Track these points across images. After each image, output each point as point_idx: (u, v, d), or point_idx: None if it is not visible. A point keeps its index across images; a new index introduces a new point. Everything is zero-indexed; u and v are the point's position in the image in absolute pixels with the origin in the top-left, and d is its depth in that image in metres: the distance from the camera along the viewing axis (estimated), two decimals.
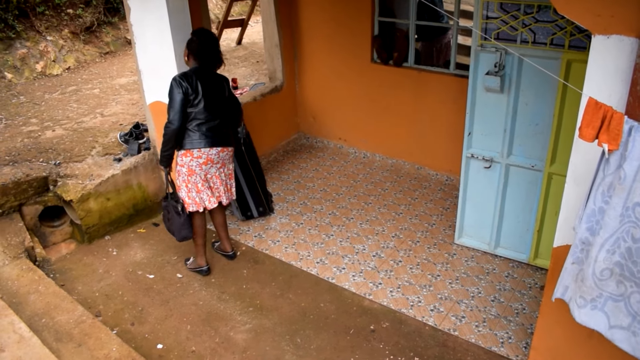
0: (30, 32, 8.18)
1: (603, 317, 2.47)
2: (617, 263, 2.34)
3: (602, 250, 2.35)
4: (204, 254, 4.46)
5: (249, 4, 9.30)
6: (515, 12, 3.72)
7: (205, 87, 4.02)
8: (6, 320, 3.48)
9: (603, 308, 2.47)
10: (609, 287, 2.40)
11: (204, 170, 4.13)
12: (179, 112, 3.92)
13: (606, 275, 2.39)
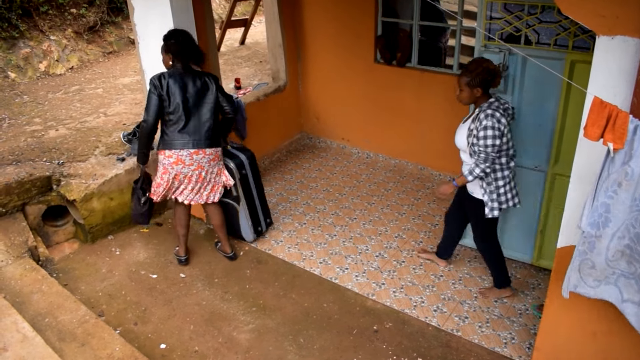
0: (33, 32, 8.20)
1: (616, 290, 2.59)
2: (627, 245, 2.43)
3: (613, 239, 2.44)
4: (184, 244, 4.58)
5: (252, 3, 9.30)
6: (519, 13, 3.71)
7: (183, 88, 3.99)
8: (9, 320, 3.48)
9: (617, 283, 2.57)
10: (621, 265, 2.51)
11: (176, 170, 4.11)
12: (153, 112, 3.99)
13: (617, 257, 2.49)
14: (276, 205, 5.45)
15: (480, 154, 3.51)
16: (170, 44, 4.01)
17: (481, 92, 3.51)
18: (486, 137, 3.45)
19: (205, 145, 4.11)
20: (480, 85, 3.48)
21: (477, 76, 3.46)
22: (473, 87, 3.50)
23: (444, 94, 5.42)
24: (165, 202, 5.37)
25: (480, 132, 3.47)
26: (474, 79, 3.46)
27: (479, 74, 3.45)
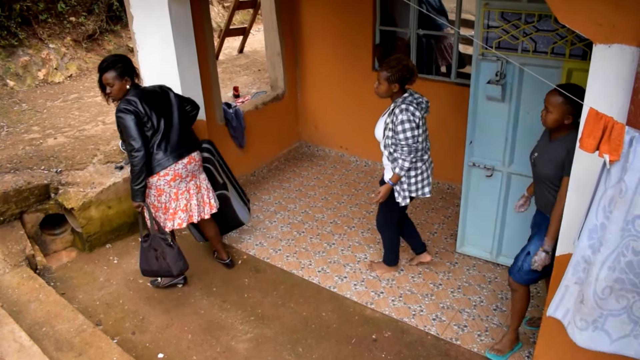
0: (32, 40, 8.22)
1: (604, 336, 2.44)
2: (617, 279, 2.29)
3: (603, 267, 2.30)
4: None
5: (251, 12, 9.33)
6: (516, 21, 3.73)
7: (153, 104, 3.85)
8: (6, 329, 3.47)
9: (604, 327, 2.43)
10: (609, 304, 2.36)
11: (174, 187, 3.99)
12: (139, 136, 3.72)
13: (606, 294, 2.34)
14: (274, 213, 5.44)
15: (404, 148, 3.76)
16: (121, 67, 3.77)
17: (398, 88, 3.76)
18: (405, 130, 3.71)
19: (192, 151, 4.06)
20: (399, 81, 3.72)
21: (397, 72, 3.69)
22: (391, 83, 3.73)
23: (442, 103, 5.44)
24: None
25: (398, 127, 3.72)
26: (394, 75, 3.69)
27: (398, 71, 3.69)
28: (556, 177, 3.11)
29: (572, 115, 3.00)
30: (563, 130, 3.10)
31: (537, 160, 3.24)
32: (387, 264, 4.50)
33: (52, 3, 8.52)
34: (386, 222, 4.28)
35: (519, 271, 3.40)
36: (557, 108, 3.01)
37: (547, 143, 3.22)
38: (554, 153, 3.11)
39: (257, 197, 5.78)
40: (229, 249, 4.88)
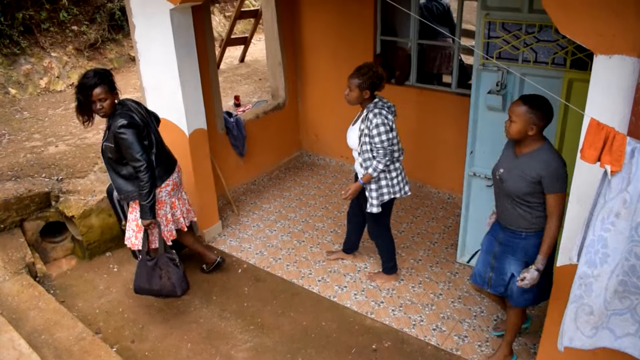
0: (34, 49, 8.25)
1: (608, 333, 2.44)
2: (621, 282, 2.30)
3: (612, 276, 2.29)
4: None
5: (252, 22, 9.38)
6: (517, 32, 3.75)
7: (141, 115, 3.84)
8: (6, 337, 3.46)
9: (608, 325, 2.43)
10: (613, 305, 2.37)
11: (173, 197, 4.05)
12: (141, 150, 3.68)
13: (615, 297, 2.35)
14: (275, 222, 5.44)
15: (379, 151, 3.85)
16: (110, 80, 3.71)
17: (369, 94, 3.86)
18: (380, 134, 3.79)
19: (175, 159, 4.17)
20: (369, 87, 3.82)
21: (368, 79, 3.79)
22: (363, 89, 3.82)
23: (443, 112, 5.45)
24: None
25: (374, 131, 3.80)
26: (365, 81, 3.79)
27: (369, 77, 3.79)
28: (528, 194, 3.02)
29: (535, 126, 2.92)
30: (529, 143, 3.02)
31: (505, 176, 3.12)
32: (387, 273, 4.49)
33: (55, 12, 8.56)
34: (379, 230, 4.30)
35: (512, 297, 3.32)
36: (520, 117, 2.93)
37: (513, 158, 3.11)
38: (524, 170, 3.01)
39: (257, 205, 5.78)
40: (229, 258, 4.87)
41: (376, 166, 3.88)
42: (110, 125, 3.71)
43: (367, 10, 5.67)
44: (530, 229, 3.12)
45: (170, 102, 4.65)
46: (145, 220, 3.81)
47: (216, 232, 5.23)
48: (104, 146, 3.78)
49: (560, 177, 2.94)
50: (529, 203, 3.05)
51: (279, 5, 5.98)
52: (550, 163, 2.93)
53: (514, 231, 3.19)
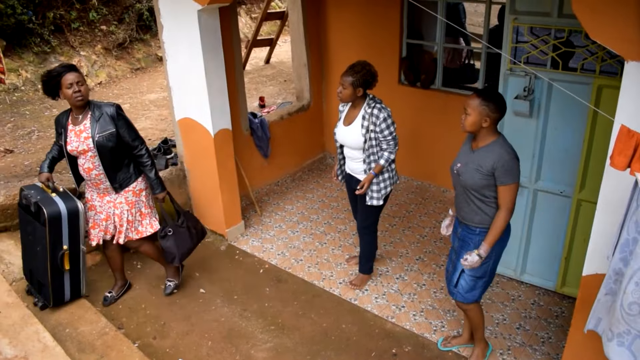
0: (64, 47, 8.41)
1: (630, 357, 2.40)
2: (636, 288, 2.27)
3: (631, 281, 2.28)
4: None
5: (278, 23, 9.42)
6: (546, 37, 3.70)
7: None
8: (31, 329, 3.53)
9: (630, 347, 2.38)
10: (638, 324, 2.32)
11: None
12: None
13: (635, 311, 2.30)
14: (297, 223, 5.46)
15: (390, 142, 3.91)
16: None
17: (362, 92, 3.87)
18: (389, 126, 3.86)
19: None
20: (363, 85, 3.84)
21: (361, 77, 3.81)
22: (356, 87, 3.82)
23: None
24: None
25: (382, 124, 3.83)
26: (359, 79, 3.80)
27: (363, 75, 3.81)
28: (483, 187, 3.09)
29: (489, 118, 2.99)
30: (484, 137, 3.09)
31: (461, 170, 3.19)
32: (367, 273, 4.50)
33: (84, 12, 8.73)
34: (373, 224, 4.29)
35: (459, 292, 3.39)
36: (474, 110, 3.01)
37: (469, 153, 3.18)
38: (479, 162, 3.07)
39: (280, 206, 5.80)
40: (251, 258, 4.90)
41: (388, 157, 3.93)
42: (94, 114, 3.67)
43: (394, 14, 5.66)
44: (484, 224, 3.18)
45: (196, 102, 4.70)
46: (161, 192, 4.01)
47: (239, 232, 5.27)
48: (103, 137, 3.67)
49: (512, 169, 3.01)
50: (484, 197, 3.12)
51: (306, 8, 6.00)
52: (502, 155, 3.01)
53: (469, 226, 3.25)
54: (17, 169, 5.14)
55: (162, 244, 4.14)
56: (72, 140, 3.70)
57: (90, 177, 3.79)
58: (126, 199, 3.92)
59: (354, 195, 4.20)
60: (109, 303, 4.28)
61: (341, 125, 4.06)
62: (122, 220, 3.95)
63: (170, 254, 4.16)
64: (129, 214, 3.96)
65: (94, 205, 3.93)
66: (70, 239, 3.85)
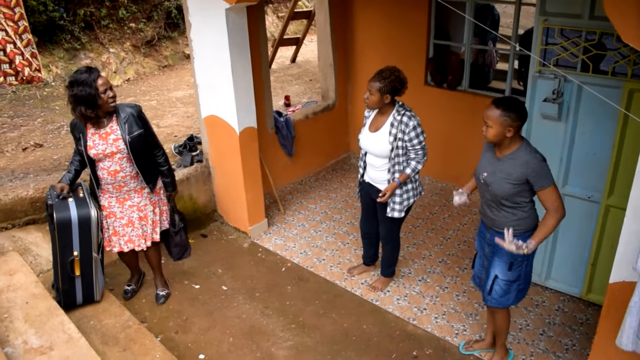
0: (94, 44, 8.54)
1: None
2: None
3: None
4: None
5: (305, 23, 9.43)
6: (576, 39, 3.64)
7: None
8: (57, 320, 3.58)
9: None
10: None
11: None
12: None
13: None
14: (320, 223, 5.46)
15: (419, 152, 3.84)
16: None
17: (390, 99, 3.75)
18: (418, 135, 3.78)
19: None
20: (390, 92, 3.72)
21: (389, 83, 3.68)
22: (384, 94, 3.71)
23: None
24: (211, 214, 5.46)
25: (412, 133, 3.75)
26: (387, 86, 3.68)
27: (391, 82, 3.69)
28: (514, 194, 3.03)
29: (512, 127, 2.93)
30: (508, 145, 3.03)
31: (489, 179, 3.12)
32: (388, 276, 4.48)
33: (114, 9, 8.85)
34: (395, 234, 4.25)
35: (493, 298, 3.34)
36: (496, 122, 2.94)
37: (494, 161, 3.12)
38: (507, 171, 3.02)
39: (303, 205, 5.81)
40: (274, 256, 4.92)
41: (415, 167, 3.86)
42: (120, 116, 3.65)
43: (421, 14, 5.62)
44: (516, 230, 3.11)
45: (223, 99, 4.73)
46: (175, 190, 4.15)
47: (262, 230, 5.29)
48: (133, 139, 3.66)
49: (544, 172, 2.96)
50: (515, 204, 3.08)
51: (332, 7, 6.00)
52: (530, 161, 2.96)
53: (499, 232, 3.18)
54: (46, 163, 5.24)
55: (174, 240, 4.19)
56: (96, 143, 3.61)
57: (116, 179, 3.72)
58: (150, 200, 3.94)
59: (371, 205, 4.17)
60: (130, 296, 4.33)
61: (366, 131, 3.96)
62: (148, 222, 3.96)
63: (183, 247, 4.24)
64: (153, 214, 3.99)
65: (113, 212, 3.86)
66: (81, 245, 3.76)
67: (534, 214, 3.15)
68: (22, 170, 5.06)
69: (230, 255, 4.96)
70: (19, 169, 5.10)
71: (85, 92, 3.41)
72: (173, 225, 4.20)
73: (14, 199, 4.50)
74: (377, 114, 3.93)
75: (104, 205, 3.84)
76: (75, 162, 3.82)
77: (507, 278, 3.23)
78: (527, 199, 3.07)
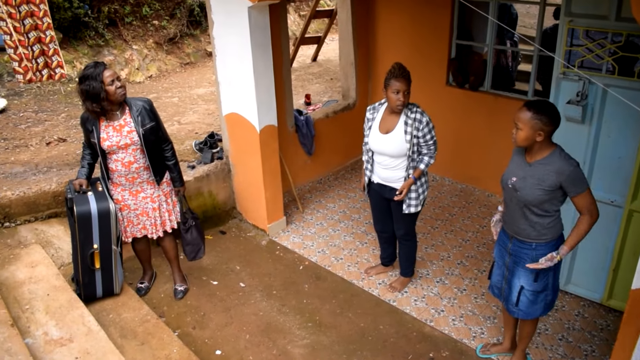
0: (117, 41, 8.63)
1: None
2: None
3: None
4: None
5: (326, 22, 9.43)
6: (602, 40, 3.59)
7: None
8: (77, 313, 3.63)
9: None
10: None
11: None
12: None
13: None
14: (338, 222, 5.46)
15: (431, 147, 3.87)
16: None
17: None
18: (431, 130, 3.82)
19: None
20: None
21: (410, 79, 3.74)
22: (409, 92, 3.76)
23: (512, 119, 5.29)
24: (230, 211, 5.48)
25: (425, 129, 3.77)
26: (410, 82, 3.75)
27: (410, 79, 3.75)
28: (544, 201, 2.97)
29: (542, 131, 2.86)
30: (540, 150, 2.97)
31: (518, 185, 3.04)
32: (408, 276, 4.47)
33: (138, 7, 8.94)
34: (413, 230, 4.24)
35: (521, 310, 3.29)
36: (526, 125, 2.88)
37: (524, 166, 3.05)
38: (539, 177, 2.95)
39: (322, 204, 5.81)
40: (291, 254, 4.93)
41: (429, 161, 3.89)
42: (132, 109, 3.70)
43: (444, 14, 5.59)
44: (540, 239, 3.07)
45: (244, 97, 4.75)
46: (183, 186, 4.14)
47: (280, 228, 5.30)
48: (146, 131, 3.72)
49: (579, 177, 2.91)
50: (544, 212, 3.01)
51: (355, 6, 5.99)
52: (565, 168, 2.89)
53: (523, 241, 3.14)
54: (69, 157, 5.31)
55: (185, 238, 4.21)
56: (110, 135, 3.65)
57: (130, 170, 3.77)
58: (162, 191, 3.99)
59: (385, 204, 4.16)
60: (144, 293, 4.37)
61: (377, 133, 3.91)
62: (162, 211, 4.03)
63: (197, 246, 4.26)
64: (167, 204, 4.04)
65: (127, 205, 3.91)
66: (101, 238, 3.80)
67: (560, 223, 3.09)
68: (45, 164, 5.14)
69: (249, 252, 4.98)
70: (42, 163, 5.17)
71: (91, 86, 3.48)
72: (183, 222, 4.20)
73: (37, 192, 4.58)
74: (384, 115, 3.90)
75: (117, 199, 3.89)
76: (87, 157, 3.88)
77: (534, 289, 3.17)
78: (556, 208, 3.01)
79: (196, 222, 4.31)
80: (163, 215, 4.04)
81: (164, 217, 4.05)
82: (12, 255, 4.18)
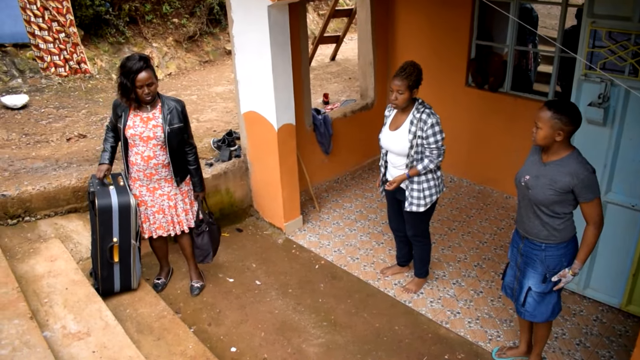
0: (138, 38, 8.71)
1: None
2: None
3: None
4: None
5: (345, 21, 9.42)
6: (625, 42, 3.54)
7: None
8: (94, 307, 3.67)
9: None
10: None
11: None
12: None
13: None
14: (354, 222, 5.45)
15: (434, 151, 3.75)
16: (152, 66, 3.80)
17: (416, 93, 3.73)
18: (435, 134, 3.71)
19: None
20: (416, 86, 3.70)
21: (415, 78, 3.66)
22: (412, 89, 3.68)
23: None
24: (247, 209, 5.51)
25: (429, 131, 3.69)
26: (414, 81, 3.66)
27: (417, 76, 3.68)
28: (554, 203, 2.94)
29: (562, 131, 2.84)
30: (556, 151, 2.94)
31: (531, 183, 3.02)
32: (422, 277, 4.43)
33: (158, 5, 9.01)
34: (424, 229, 4.19)
35: (527, 310, 3.28)
36: (546, 124, 2.86)
37: (539, 165, 3.02)
38: (552, 177, 2.92)
39: (338, 203, 5.81)
40: (308, 253, 4.94)
41: (427, 165, 3.78)
42: (164, 107, 3.76)
43: (464, 14, 5.55)
44: (550, 240, 3.05)
45: (262, 96, 4.76)
46: (203, 191, 4.15)
47: (296, 227, 5.31)
48: (173, 130, 3.76)
49: (592, 184, 2.87)
50: (554, 214, 2.99)
51: (374, 6, 5.97)
52: (579, 172, 2.86)
53: (533, 241, 3.12)
54: (89, 153, 5.37)
55: (196, 241, 4.22)
56: (136, 125, 3.73)
57: (148, 166, 3.80)
58: (180, 190, 4.02)
59: (396, 203, 4.15)
60: (161, 289, 4.40)
61: (387, 130, 3.95)
62: (179, 210, 4.05)
63: (205, 251, 4.24)
64: (184, 204, 4.06)
65: (144, 201, 3.95)
66: (121, 232, 3.85)
67: (571, 226, 3.06)
68: (65, 160, 5.20)
69: (265, 250, 5.00)
70: (62, 158, 5.24)
71: (123, 82, 3.62)
72: (197, 226, 4.20)
73: (57, 187, 4.64)
74: (397, 113, 3.90)
75: (134, 194, 3.92)
76: (109, 139, 3.95)
77: (541, 290, 3.17)
78: (567, 211, 2.99)
79: (211, 228, 4.22)
80: (180, 214, 4.07)
81: (180, 217, 4.08)
82: (32, 249, 4.24)
